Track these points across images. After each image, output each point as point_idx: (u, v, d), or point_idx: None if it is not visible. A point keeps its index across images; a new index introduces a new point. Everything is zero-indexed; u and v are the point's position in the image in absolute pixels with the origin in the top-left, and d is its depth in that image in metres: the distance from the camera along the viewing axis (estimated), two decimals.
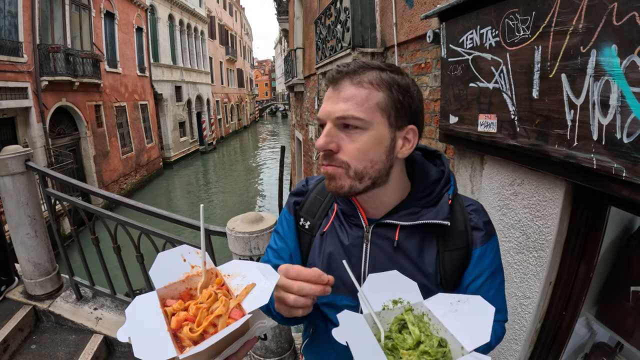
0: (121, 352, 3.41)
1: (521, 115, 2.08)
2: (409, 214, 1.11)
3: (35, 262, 3.53)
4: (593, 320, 2.32)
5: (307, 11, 12.17)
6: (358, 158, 1.02)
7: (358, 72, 1.03)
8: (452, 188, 1.15)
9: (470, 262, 1.12)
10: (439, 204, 1.11)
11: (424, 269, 1.11)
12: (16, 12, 14.00)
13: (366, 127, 1.01)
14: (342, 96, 1.02)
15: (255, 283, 0.93)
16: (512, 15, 2.07)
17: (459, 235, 1.12)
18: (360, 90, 1.01)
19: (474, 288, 1.13)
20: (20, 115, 14.49)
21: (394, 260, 1.12)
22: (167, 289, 0.98)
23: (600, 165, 1.63)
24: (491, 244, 1.14)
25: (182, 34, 32.84)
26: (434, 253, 1.11)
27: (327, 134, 1.03)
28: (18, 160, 3.26)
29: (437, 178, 1.17)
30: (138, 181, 23.75)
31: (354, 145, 1.02)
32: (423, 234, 1.11)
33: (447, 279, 1.12)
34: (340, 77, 1.04)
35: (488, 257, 1.13)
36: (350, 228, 1.19)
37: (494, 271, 1.14)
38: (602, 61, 1.57)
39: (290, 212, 1.35)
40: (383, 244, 1.14)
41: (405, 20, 4.23)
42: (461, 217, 1.13)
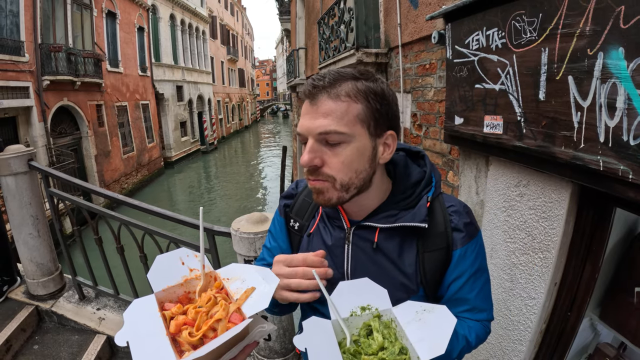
0: (124, 352, 3.41)
1: (527, 116, 2.08)
2: (388, 216, 1.14)
3: (37, 262, 3.52)
4: (597, 321, 2.32)
5: (310, 11, 12.16)
6: (343, 171, 1.04)
7: (334, 85, 1.03)
8: (433, 189, 1.16)
9: (450, 263, 1.15)
10: (416, 206, 1.13)
11: (404, 269, 1.14)
12: (18, 11, 14.00)
13: (348, 140, 1.02)
14: (320, 111, 1.02)
15: (255, 287, 0.93)
16: (518, 17, 2.06)
17: (439, 236, 1.14)
18: (339, 104, 1.02)
19: (455, 288, 1.17)
20: (22, 115, 14.49)
21: (374, 260, 1.16)
22: (166, 292, 0.98)
23: (606, 167, 1.63)
24: (472, 244, 1.16)
25: (184, 34, 32.84)
26: (414, 254, 1.14)
27: (311, 150, 1.04)
28: (21, 160, 3.24)
29: (418, 179, 1.18)
30: (139, 181, 23.74)
31: (337, 159, 1.03)
32: (402, 235, 1.14)
33: (428, 278, 1.14)
34: (316, 91, 1.03)
35: (469, 257, 1.15)
36: (333, 230, 1.23)
37: (475, 271, 1.17)
38: (609, 64, 1.57)
39: (281, 214, 1.40)
40: (364, 245, 1.17)
41: (409, 21, 4.23)
42: (441, 218, 1.15)
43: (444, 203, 1.18)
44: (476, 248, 1.17)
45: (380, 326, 0.95)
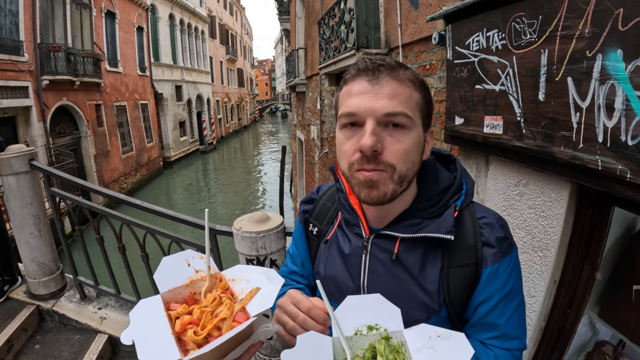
0: (126, 351, 3.41)
1: (527, 117, 2.10)
2: (410, 225, 1.04)
3: (39, 262, 3.52)
4: (596, 319, 2.33)
5: (310, 11, 12.16)
6: (403, 160, 0.95)
7: (397, 68, 0.96)
8: (463, 197, 1.06)
9: (479, 282, 1.02)
10: (443, 215, 1.03)
11: (425, 285, 1.03)
12: (17, 11, 13.99)
13: (411, 126, 0.95)
14: (384, 91, 0.93)
15: (260, 287, 0.94)
16: (518, 18, 2.08)
17: (467, 251, 1.02)
18: (404, 88, 0.95)
19: (483, 312, 1.03)
20: (21, 115, 14.47)
21: (393, 273, 1.06)
22: (172, 293, 0.98)
23: (605, 167, 1.65)
24: (505, 262, 1.01)
25: (183, 34, 32.81)
26: (438, 269, 1.02)
27: (373, 132, 0.92)
28: (22, 160, 3.24)
29: (446, 185, 1.07)
30: (138, 180, 23.73)
31: (399, 145, 0.94)
32: (426, 247, 1.03)
33: (452, 298, 1.02)
34: (379, 70, 0.94)
35: (500, 277, 1.01)
36: (351, 237, 1.14)
37: (507, 294, 1.02)
38: (607, 65, 1.60)
39: (300, 221, 1.34)
40: (382, 256, 1.07)
41: (410, 22, 4.24)
42: (470, 231, 1.03)
43: (475, 213, 1.06)
44: (509, 267, 1.02)
45: (386, 350, 0.84)
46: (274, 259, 2.55)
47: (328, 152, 9.44)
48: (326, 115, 9.52)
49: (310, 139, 12.22)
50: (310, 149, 12.41)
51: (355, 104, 0.95)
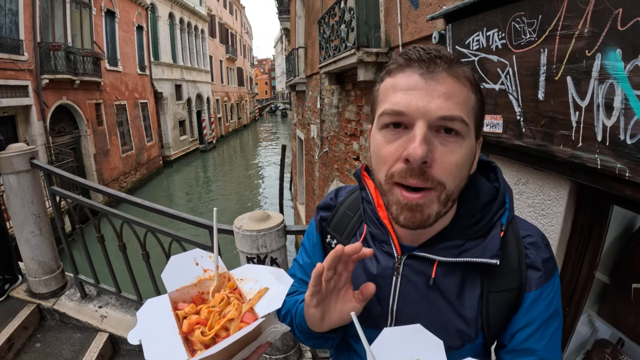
0: (126, 350, 3.42)
1: (527, 116, 2.10)
2: (451, 247, 0.90)
3: (39, 261, 3.53)
4: (595, 317, 2.33)
5: (310, 10, 12.16)
6: (454, 176, 0.80)
7: (455, 63, 0.80)
8: (507, 213, 0.93)
9: (520, 307, 0.90)
10: (488, 237, 0.89)
11: (462, 312, 0.91)
12: (17, 10, 13.98)
13: (466, 135, 0.80)
14: (440, 89, 0.77)
15: (269, 287, 0.91)
16: (518, 18, 2.09)
17: (511, 274, 0.90)
18: (461, 87, 0.79)
19: (522, 337, 0.91)
20: (21, 114, 14.47)
21: (427, 299, 0.93)
22: (179, 292, 0.96)
23: (604, 166, 1.66)
24: (549, 286, 0.90)
25: (183, 33, 32.79)
26: (477, 294, 0.91)
27: (426, 140, 0.76)
28: (23, 158, 3.25)
29: (489, 199, 0.93)
30: (138, 179, 23.73)
31: (452, 157, 0.78)
32: (466, 271, 0.91)
33: (491, 324, 0.91)
34: (436, 62, 0.79)
35: (543, 302, 0.90)
36: (379, 255, 0.99)
37: (548, 318, 0.90)
38: (606, 65, 1.60)
39: (316, 229, 1.19)
40: (416, 280, 0.94)
41: (410, 21, 4.25)
42: (515, 252, 0.90)
43: (519, 231, 0.92)
44: (553, 289, 0.91)
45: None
46: (275, 257, 2.56)
47: (328, 151, 9.43)
48: (326, 114, 9.52)
49: (310, 138, 12.22)
50: (310, 148, 12.41)
51: (405, 100, 0.78)
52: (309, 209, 13.28)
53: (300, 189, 15.71)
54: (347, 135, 7.40)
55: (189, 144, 33.40)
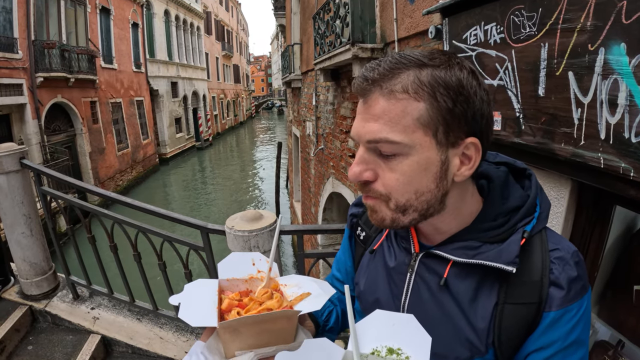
0: (119, 352, 3.37)
1: (526, 113, 2.06)
2: (466, 247, 0.87)
3: (31, 262, 3.48)
4: (595, 319, 2.31)
5: (305, 6, 12.13)
6: (398, 190, 0.81)
7: (389, 77, 0.78)
8: (535, 222, 0.86)
9: (538, 327, 0.83)
10: (506, 242, 0.84)
11: (474, 320, 0.87)
12: (11, 8, 13.95)
13: (405, 152, 0.78)
14: (372, 112, 0.79)
15: (311, 292, 0.92)
16: (517, 11, 2.04)
17: (530, 287, 0.83)
18: (393, 103, 0.77)
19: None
20: (16, 112, 14.44)
21: (438, 300, 0.91)
22: (230, 282, 1.00)
23: (607, 165, 1.61)
24: (574, 309, 0.81)
25: (178, 30, 32.72)
26: (492, 304, 0.85)
27: (360, 161, 0.82)
28: (13, 158, 3.19)
29: (516, 205, 0.88)
30: (134, 177, 23.72)
31: (392, 174, 0.80)
32: (482, 276, 0.86)
33: (503, 339, 0.85)
34: (368, 85, 0.79)
35: (565, 325, 0.81)
36: (398, 251, 1.00)
37: (569, 345, 0.82)
38: (610, 59, 1.55)
39: (347, 224, 1.22)
40: (429, 279, 0.92)
41: (406, 16, 4.20)
42: (539, 264, 0.84)
43: (547, 244, 0.86)
44: (579, 314, 0.82)
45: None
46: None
47: (323, 148, 9.40)
48: (321, 111, 9.48)
49: (305, 135, 12.19)
50: (306, 145, 12.37)
51: (354, 126, 0.84)
52: (305, 206, 13.25)
53: (297, 186, 15.69)
54: (343, 132, 7.35)
55: (185, 142, 33.40)
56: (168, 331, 3.36)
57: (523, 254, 0.83)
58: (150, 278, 3.22)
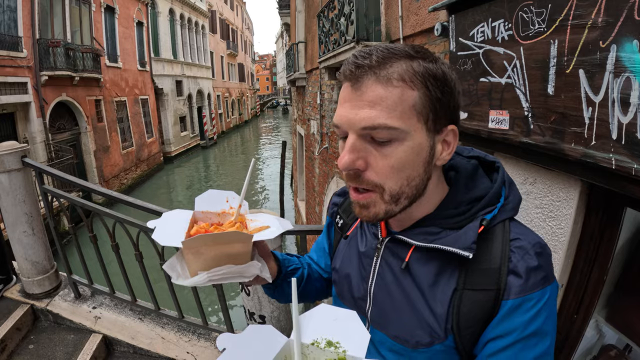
0: (120, 351, 3.35)
1: (535, 112, 2.01)
2: (427, 233, 0.91)
3: (32, 260, 3.47)
4: (602, 323, 2.27)
5: (310, 4, 12.12)
6: (392, 177, 0.83)
7: (384, 65, 0.80)
8: (496, 212, 0.89)
9: (497, 314, 0.83)
10: (464, 228, 0.88)
11: (433, 305, 0.89)
12: (15, 6, 13.99)
13: (402, 137, 0.80)
14: (366, 99, 0.80)
15: (270, 226, 1.03)
16: (526, 7, 1.99)
17: (490, 274, 0.84)
18: (391, 90, 0.79)
19: (492, 349, 0.84)
20: (20, 111, 14.49)
21: (400, 283, 0.95)
22: (204, 214, 1.12)
23: (619, 166, 1.56)
24: (535, 298, 0.81)
25: (183, 28, 32.78)
26: (451, 289, 0.87)
27: (352, 149, 0.82)
28: (14, 157, 3.19)
29: (479, 195, 0.92)
30: (139, 176, 23.79)
31: (386, 161, 0.82)
32: (443, 261, 0.89)
33: (462, 326, 0.86)
34: (361, 72, 0.80)
35: (524, 314, 0.81)
36: (369, 236, 1.07)
37: (529, 335, 0.81)
38: (622, 57, 1.50)
39: (328, 212, 1.30)
40: (393, 262, 0.97)
41: (411, 13, 4.17)
42: (498, 252, 0.85)
43: (510, 233, 0.87)
44: (539, 305, 0.81)
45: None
46: None
47: (328, 147, 9.38)
48: (326, 110, 9.46)
49: (310, 134, 12.18)
50: (310, 144, 12.36)
51: (339, 114, 0.85)
52: (309, 205, 13.24)
53: (301, 185, 15.70)
54: None
55: (190, 140, 33.47)
56: (170, 331, 3.34)
57: (483, 242, 0.86)
58: (152, 278, 3.20)
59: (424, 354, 0.91)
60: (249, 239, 0.93)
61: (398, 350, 0.96)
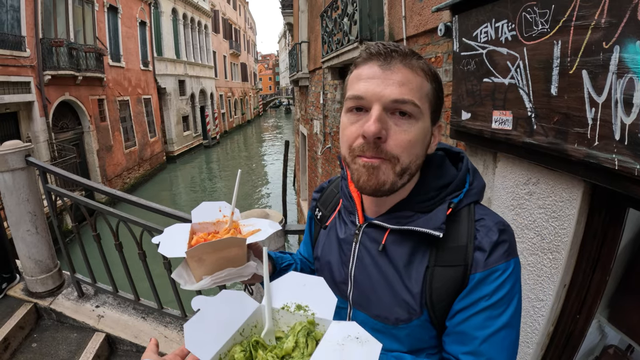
0: (123, 350, 3.37)
1: (538, 112, 2.01)
2: (401, 217, 1.02)
3: (36, 259, 3.49)
4: (605, 323, 2.27)
5: (313, 4, 12.11)
6: (408, 151, 0.92)
7: (409, 56, 0.93)
8: (462, 196, 1.00)
9: (466, 288, 0.93)
10: (434, 211, 0.98)
11: (408, 284, 0.98)
12: (18, 6, 14.01)
13: (419, 117, 0.92)
14: (395, 78, 0.90)
15: (261, 229, 1.12)
16: (529, 8, 1.99)
17: (458, 251, 0.95)
18: (415, 76, 0.92)
19: (461, 318, 0.93)
20: (23, 110, 14.51)
21: (378, 265, 1.04)
22: (200, 225, 1.18)
23: (622, 166, 1.56)
24: (500, 270, 0.91)
25: (186, 28, 32.78)
26: (424, 267, 0.97)
27: (379, 118, 0.89)
28: (18, 156, 3.20)
29: (447, 182, 1.03)
30: (141, 175, 23.80)
31: (405, 136, 0.91)
32: (416, 242, 0.99)
33: (434, 300, 0.95)
34: (392, 55, 0.92)
35: (491, 284, 0.91)
36: (347, 224, 1.16)
37: (495, 303, 0.90)
38: (625, 58, 1.50)
39: (309, 208, 1.40)
40: (371, 246, 1.06)
41: (414, 14, 4.16)
42: (465, 232, 0.96)
43: (474, 215, 0.99)
44: (504, 275, 0.91)
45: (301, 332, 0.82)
46: None
47: (331, 147, 9.37)
48: (329, 110, 9.45)
49: (313, 134, 12.18)
50: (313, 143, 12.36)
51: (364, 87, 0.92)
52: None
53: (303, 185, 15.68)
54: None
55: (193, 140, 33.47)
56: (173, 330, 3.35)
57: (451, 223, 0.97)
58: (155, 276, 3.20)
59: (404, 330, 1.00)
60: (243, 242, 1.02)
61: (380, 328, 1.04)
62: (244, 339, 0.84)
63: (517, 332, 0.94)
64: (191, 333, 0.76)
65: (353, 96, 0.94)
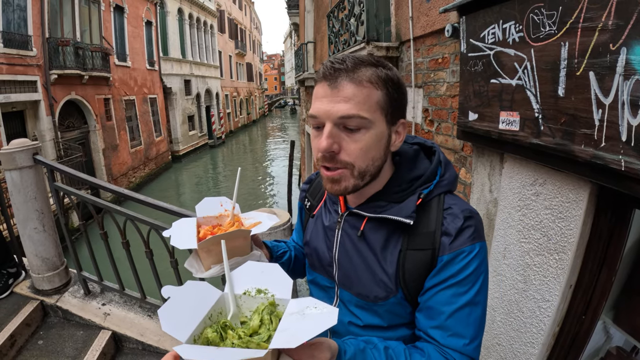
0: (129, 348, 3.38)
1: (546, 113, 2.01)
2: (377, 206, 1.13)
3: (42, 257, 3.50)
4: (610, 324, 2.27)
5: (319, 5, 12.10)
6: (361, 157, 1.03)
7: (356, 70, 1.02)
8: (432, 187, 1.11)
9: (435, 268, 1.05)
10: (405, 201, 1.10)
11: (384, 265, 1.11)
12: (25, 5, 14.04)
13: (368, 126, 1.01)
14: (342, 95, 1.00)
15: (261, 222, 1.25)
16: (537, 9, 2.00)
17: (427, 236, 1.06)
18: (361, 89, 1.00)
19: (429, 295, 1.05)
20: (30, 109, 14.56)
21: (358, 249, 1.16)
22: (205, 219, 1.29)
23: (628, 167, 1.57)
24: (466, 252, 1.03)
25: (192, 28, 32.84)
26: (397, 251, 1.09)
27: (330, 135, 1.01)
28: (26, 154, 3.21)
29: (419, 174, 1.14)
30: (147, 174, 23.83)
31: (356, 145, 1.02)
32: (390, 229, 1.11)
33: (407, 280, 1.08)
34: (338, 74, 1.01)
35: (457, 264, 1.02)
36: (332, 213, 1.28)
37: (462, 280, 1.02)
38: (632, 59, 1.51)
39: (299, 199, 1.52)
40: (351, 232, 1.18)
41: (421, 14, 4.16)
42: (434, 219, 1.08)
43: (444, 204, 1.10)
44: (470, 256, 1.03)
45: (265, 310, 0.90)
46: None
47: None
48: None
49: None
50: None
51: (317, 107, 1.03)
52: None
53: None
54: None
55: (198, 139, 33.51)
56: None
57: (422, 212, 1.09)
58: (162, 275, 3.21)
59: (383, 307, 1.13)
60: (248, 233, 1.16)
61: (362, 305, 1.18)
62: (212, 323, 0.90)
63: (483, 309, 1.06)
64: (166, 318, 0.83)
65: (310, 115, 1.06)
